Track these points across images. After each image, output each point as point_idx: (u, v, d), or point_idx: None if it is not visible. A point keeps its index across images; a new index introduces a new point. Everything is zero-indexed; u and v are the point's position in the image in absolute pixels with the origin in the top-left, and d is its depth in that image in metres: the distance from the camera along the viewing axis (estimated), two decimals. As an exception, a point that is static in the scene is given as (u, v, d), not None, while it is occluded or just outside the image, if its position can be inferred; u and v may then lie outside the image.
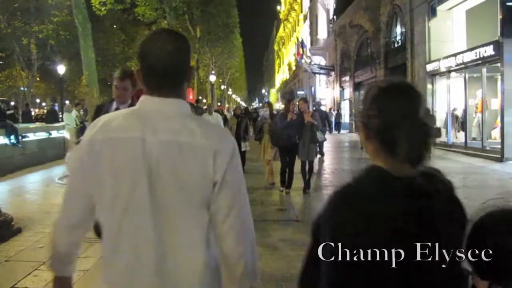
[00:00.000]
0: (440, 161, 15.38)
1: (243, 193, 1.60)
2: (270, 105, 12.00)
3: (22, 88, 40.10)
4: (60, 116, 22.97)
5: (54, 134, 16.27)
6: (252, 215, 1.67)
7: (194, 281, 1.55)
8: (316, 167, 11.36)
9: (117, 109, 4.10)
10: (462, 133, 18.37)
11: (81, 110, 17.74)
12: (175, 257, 1.53)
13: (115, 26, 45.01)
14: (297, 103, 9.67)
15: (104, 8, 16.94)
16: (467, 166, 13.96)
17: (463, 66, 16.95)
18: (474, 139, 17.64)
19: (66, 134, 16.53)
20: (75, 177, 1.64)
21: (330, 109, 35.14)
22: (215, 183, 1.51)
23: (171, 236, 1.52)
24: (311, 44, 47.95)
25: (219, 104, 58.06)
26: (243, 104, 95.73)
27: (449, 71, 18.32)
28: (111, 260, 1.57)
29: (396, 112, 1.29)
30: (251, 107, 50.17)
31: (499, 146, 15.27)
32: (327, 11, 41.73)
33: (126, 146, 1.49)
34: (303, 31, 57.44)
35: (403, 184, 1.24)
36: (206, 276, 1.57)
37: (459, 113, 18.81)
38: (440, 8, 19.02)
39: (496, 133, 16.94)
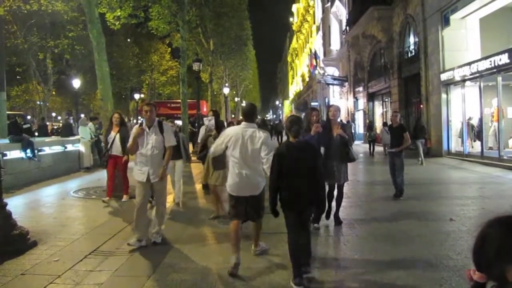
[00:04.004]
0: (456, 171, 15.23)
1: (270, 149, 5.36)
2: (216, 113, 9.67)
3: (38, 102, 40.62)
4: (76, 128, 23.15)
5: (70, 147, 16.42)
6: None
7: (259, 181, 5.58)
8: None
9: None
10: (478, 143, 18.18)
11: (96, 124, 17.84)
12: (252, 171, 5.50)
13: (129, 40, 45.63)
14: (329, 110, 7.91)
15: (118, 22, 17.11)
16: (484, 175, 13.78)
17: (477, 74, 16.81)
18: (490, 148, 17.46)
19: (81, 147, 16.67)
20: (222, 140, 5.67)
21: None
22: (261, 147, 5.46)
23: (250, 164, 5.48)
24: (324, 55, 47.98)
25: (233, 116, 58.17)
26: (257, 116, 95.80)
27: (463, 80, 18.17)
28: (232, 172, 5.55)
29: (291, 124, 5.10)
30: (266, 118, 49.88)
31: (517, 155, 15.09)
32: (340, 22, 41.77)
33: (236, 135, 5.53)
34: (316, 42, 57.48)
35: (291, 144, 5.09)
36: (261, 180, 5.60)
37: (474, 122, 18.62)
38: (453, 17, 18.92)
39: (513, 142, 16.76)
